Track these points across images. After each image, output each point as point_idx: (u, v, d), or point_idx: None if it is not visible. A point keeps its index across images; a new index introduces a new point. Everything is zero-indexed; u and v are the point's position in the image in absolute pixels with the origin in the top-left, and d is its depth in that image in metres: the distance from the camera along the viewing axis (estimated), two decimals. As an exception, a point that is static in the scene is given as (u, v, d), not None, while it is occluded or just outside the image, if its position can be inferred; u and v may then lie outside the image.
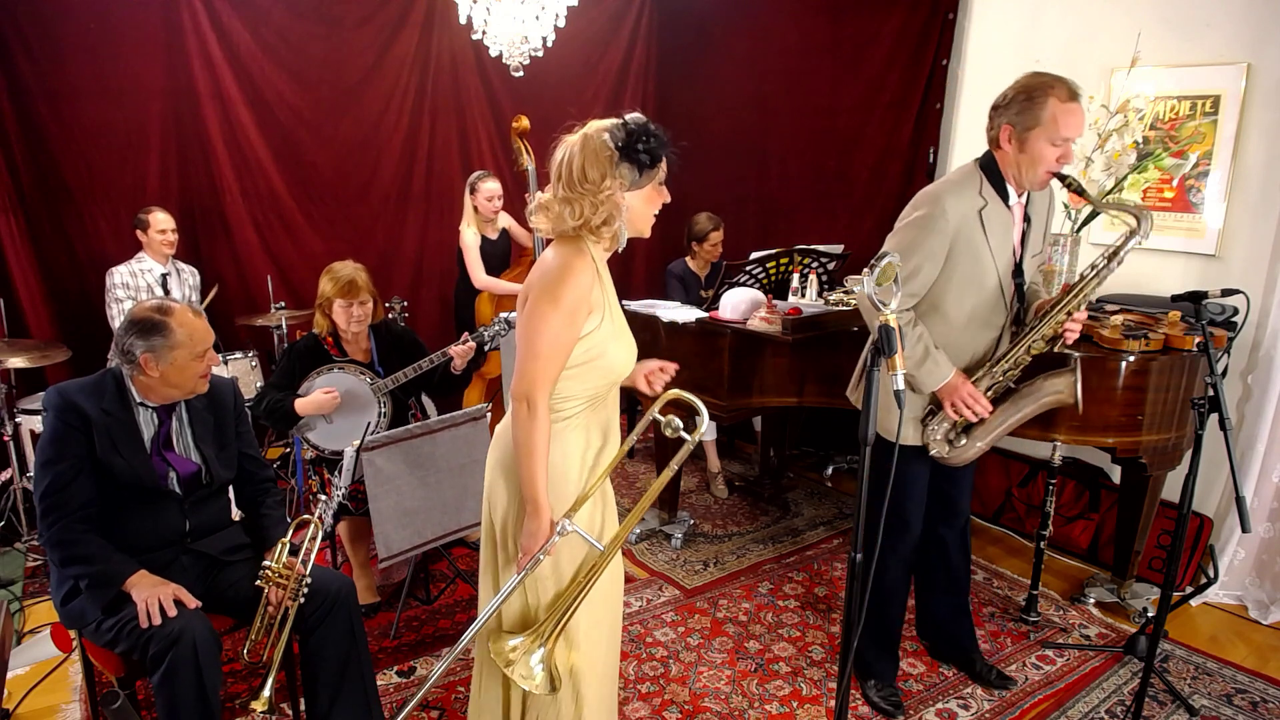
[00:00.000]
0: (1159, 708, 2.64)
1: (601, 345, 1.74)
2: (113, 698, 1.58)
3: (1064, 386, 2.27)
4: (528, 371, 1.67)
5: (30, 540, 3.54)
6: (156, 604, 1.93)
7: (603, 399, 1.82)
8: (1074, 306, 2.22)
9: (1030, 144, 2.17)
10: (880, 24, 4.59)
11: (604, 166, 1.65)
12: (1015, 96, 2.18)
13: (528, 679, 1.65)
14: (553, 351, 1.68)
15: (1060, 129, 2.13)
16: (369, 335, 3.11)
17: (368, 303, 3.01)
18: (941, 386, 2.29)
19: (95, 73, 4.17)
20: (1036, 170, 2.19)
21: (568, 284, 1.66)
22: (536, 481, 1.69)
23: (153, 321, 2.04)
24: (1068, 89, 2.14)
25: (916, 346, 2.27)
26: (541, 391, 1.68)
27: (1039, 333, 2.25)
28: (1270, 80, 3.21)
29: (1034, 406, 2.32)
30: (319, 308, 3.02)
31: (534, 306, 1.68)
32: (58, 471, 2.01)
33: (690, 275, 4.40)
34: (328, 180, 4.92)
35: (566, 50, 4.66)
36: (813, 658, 2.89)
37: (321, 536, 2.24)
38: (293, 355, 3.06)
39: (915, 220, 2.29)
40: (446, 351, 3.08)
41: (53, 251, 4.22)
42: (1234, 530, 3.27)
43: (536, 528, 1.70)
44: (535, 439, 1.68)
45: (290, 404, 2.93)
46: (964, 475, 2.60)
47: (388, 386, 3.05)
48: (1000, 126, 2.22)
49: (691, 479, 4.49)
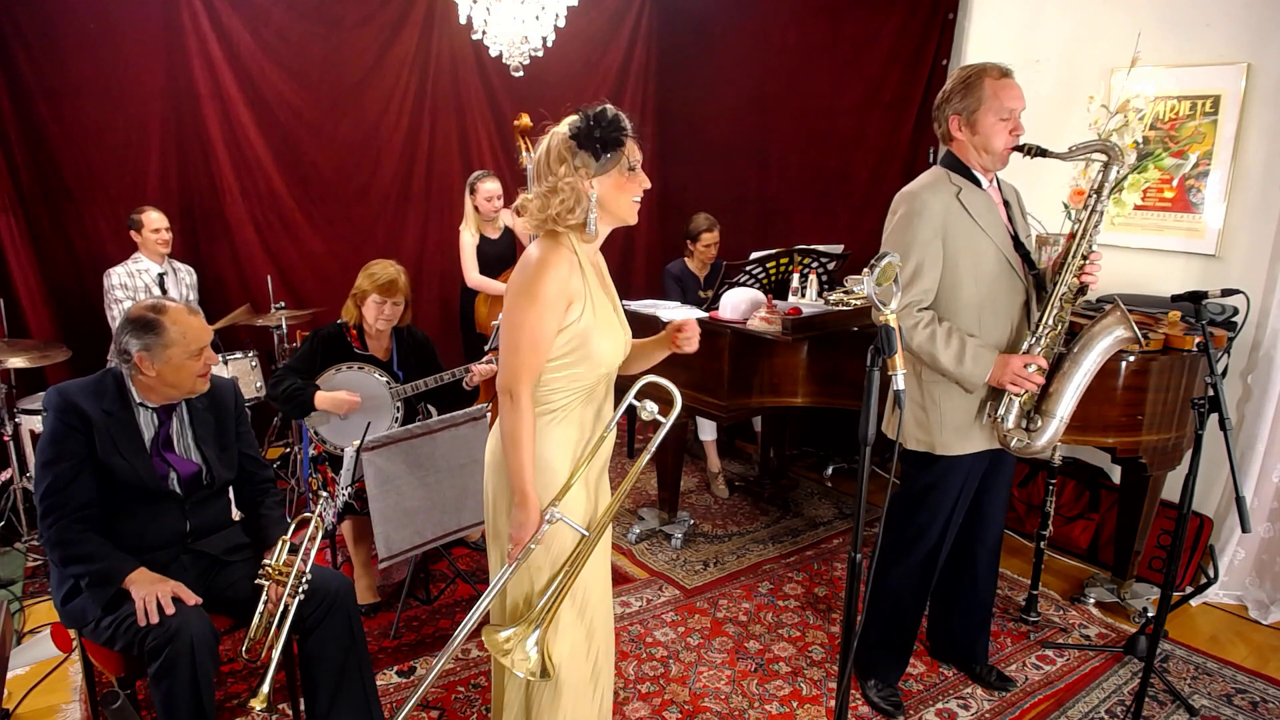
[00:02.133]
0: (1159, 708, 2.64)
1: (584, 335, 1.75)
2: (113, 698, 1.58)
3: (1114, 322, 2.22)
4: (509, 365, 1.72)
5: (30, 540, 3.54)
6: (155, 601, 1.93)
7: (593, 391, 1.84)
8: (1085, 250, 2.22)
9: (979, 123, 2.25)
10: (880, 24, 4.59)
11: (564, 156, 1.71)
12: (953, 89, 2.31)
13: (524, 662, 1.69)
14: (533, 344, 1.71)
15: (1003, 100, 2.22)
16: (391, 336, 3.15)
17: (400, 305, 3.06)
18: (991, 372, 2.25)
19: (95, 72, 4.17)
20: (994, 146, 2.26)
21: (543, 277, 1.70)
22: (523, 472, 1.72)
23: (146, 320, 2.04)
24: (999, 69, 2.26)
25: (951, 343, 2.24)
26: (524, 384, 1.71)
27: (1064, 284, 2.24)
28: (1270, 80, 3.21)
29: (1095, 356, 2.24)
30: (353, 298, 3.07)
31: (512, 301, 1.74)
32: (58, 472, 2.01)
33: (688, 275, 4.40)
34: (328, 180, 4.92)
35: (566, 50, 4.66)
36: (813, 658, 2.89)
37: (322, 535, 2.24)
38: (315, 341, 3.08)
39: (900, 220, 2.31)
40: (469, 368, 3.14)
41: (52, 251, 4.22)
42: (1234, 530, 3.27)
43: (525, 518, 1.73)
44: (520, 430, 1.71)
45: (311, 395, 2.94)
46: (1000, 487, 2.57)
47: (406, 393, 3.07)
48: (948, 119, 2.31)
49: (691, 479, 4.49)
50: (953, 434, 2.36)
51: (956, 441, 2.36)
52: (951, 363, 2.24)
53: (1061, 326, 2.27)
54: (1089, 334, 2.25)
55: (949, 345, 2.24)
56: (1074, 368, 2.26)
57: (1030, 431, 2.29)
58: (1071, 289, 2.24)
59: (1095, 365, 2.26)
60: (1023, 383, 2.23)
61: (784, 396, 3.36)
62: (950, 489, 2.43)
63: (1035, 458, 3.76)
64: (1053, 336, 2.27)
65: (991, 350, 2.26)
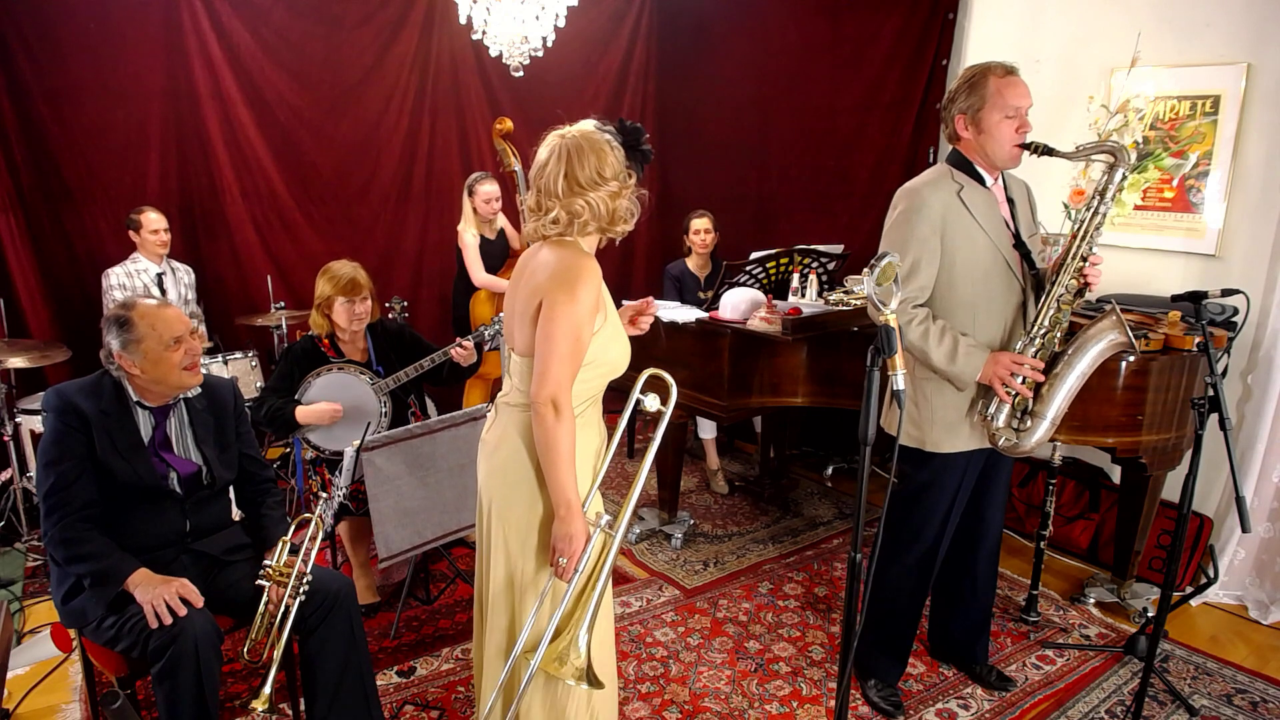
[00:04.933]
0: (1159, 708, 2.64)
1: (605, 342, 1.78)
2: (113, 698, 1.58)
3: (1109, 327, 2.21)
4: (553, 374, 1.68)
5: (30, 540, 3.54)
6: (164, 604, 1.93)
7: (600, 396, 1.87)
8: (1085, 251, 2.22)
9: (985, 122, 2.25)
10: (880, 24, 4.59)
11: (616, 166, 1.73)
12: (959, 89, 2.30)
13: (577, 661, 1.68)
14: (575, 352, 1.70)
15: (1008, 98, 2.22)
16: (365, 335, 3.11)
17: (369, 300, 3.01)
18: (982, 370, 2.25)
19: (95, 73, 4.17)
20: (1001, 145, 2.25)
21: (584, 284, 1.69)
22: (570, 484, 1.70)
23: (118, 318, 2.07)
24: (1004, 67, 2.26)
25: (943, 341, 2.25)
26: (566, 393, 1.70)
27: (1061, 285, 2.24)
28: (1270, 80, 3.21)
29: (1089, 359, 2.24)
30: (317, 309, 3.01)
31: (553, 309, 1.68)
32: (61, 471, 2.01)
33: (688, 275, 4.41)
34: (328, 180, 4.92)
35: (566, 50, 4.65)
36: (813, 658, 2.89)
37: (322, 536, 2.24)
38: (290, 358, 3.05)
39: (899, 216, 2.31)
40: (447, 351, 3.08)
41: (53, 251, 4.22)
42: (1234, 530, 3.27)
43: (576, 529, 1.71)
44: (567, 440, 1.69)
45: (291, 412, 2.92)
46: (997, 489, 2.57)
47: (389, 386, 3.05)
48: (954, 118, 2.31)
49: (691, 479, 4.49)
50: (943, 431, 2.36)
51: (946, 439, 2.37)
52: (943, 361, 2.25)
53: (1058, 328, 2.27)
54: (1083, 337, 2.25)
55: (941, 343, 2.25)
56: (1067, 370, 2.26)
57: (1019, 431, 2.30)
58: (1069, 290, 2.24)
59: (1089, 368, 2.26)
60: (1010, 380, 2.23)
61: (784, 396, 3.36)
62: (946, 488, 2.43)
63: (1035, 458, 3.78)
64: (1048, 337, 2.27)
65: (983, 349, 2.26)
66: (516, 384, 1.85)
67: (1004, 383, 2.23)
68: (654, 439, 1.89)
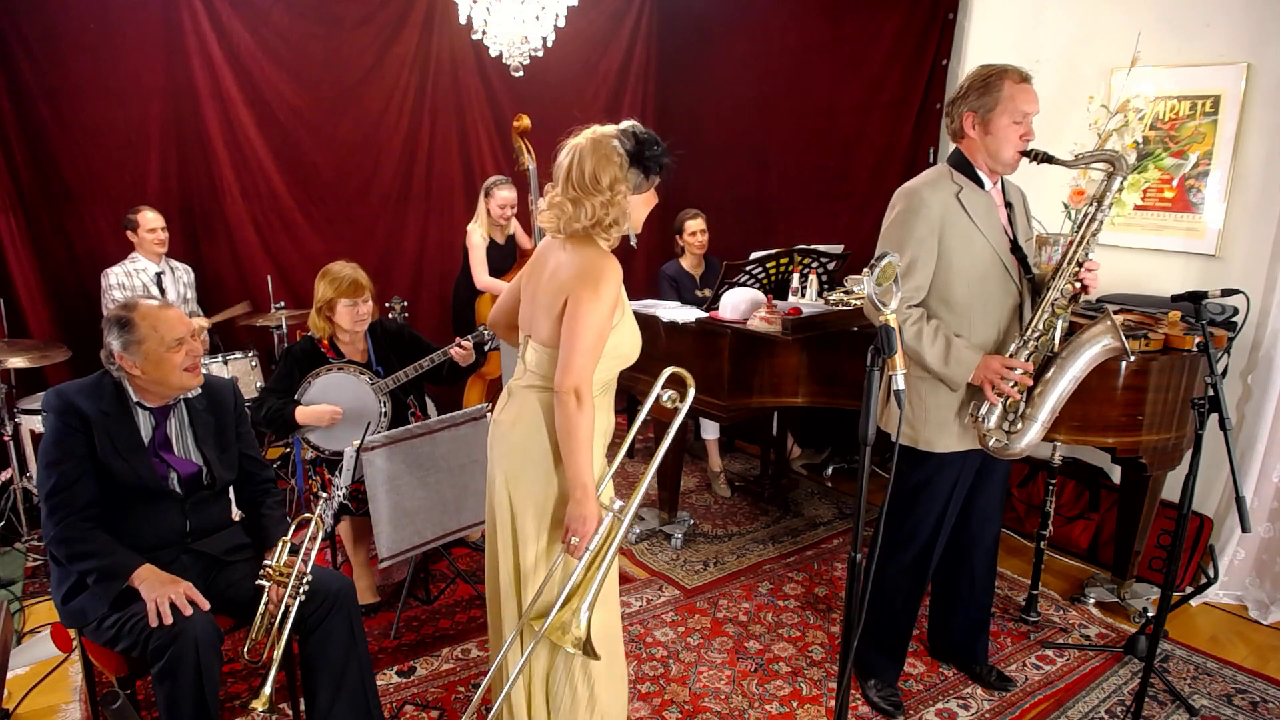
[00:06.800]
0: (1159, 708, 2.64)
1: (622, 337, 1.90)
2: (113, 698, 1.58)
3: (1102, 330, 2.21)
4: (576, 365, 1.79)
5: (30, 540, 3.54)
6: (167, 604, 1.93)
7: (613, 382, 1.98)
8: (1081, 256, 2.23)
9: (993, 124, 2.25)
10: (880, 24, 4.59)
11: (615, 172, 1.79)
12: (971, 85, 2.29)
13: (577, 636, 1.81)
14: (597, 344, 1.82)
15: (1020, 104, 2.22)
16: (365, 336, 3.11)
17: (369, 300, 3.02)
18: (975, 372, 2.26)
19: (95, 72, 4.17)
20: (1004, 149, 2.25)
21: (606, 282, 1.80)
22: (586, 468, 1.82)
23: (119, 319, 2.07)
24: (1019, 72, 2.25)
25: (936, 342, 2.25)
26: (588, 383, 1.81)
27: (1056, 289, 2.24)
28: (1270, 80, 3.21)
29: (1082, 363, 2.25)
30: (318, 311, 3.01)
31: (579, 307, 1.79)
32: (62, 471, 2.01)
33: (684, 275, 4.41)
34: (328, 180, 4.92)
35: (566, 50, 4.66)
36: (813, 658, 2.89)
37: (322, 536, 2.24)
38: (290, 359, 3.05)
39: (898, 216, 2.32)
40: (447, 351, 3.08)
41: (52, 251, 4.22)
42: (1234, 530, 3.27)
43: (590, 511, 1.83)
44: (587, 428, 1.81)
45: (291, 413, 2.92)
46: (995, 487, 2.57)
47: (388, 386, 3.05)
48: (962, 115, 2.30)
49: (692, 479, 4.49)
50: (935, 430, 2.37)
51: (939, 438, 2.37)
52: (936, 362, 2.26)
53: (1053, 332, 2.28)
54: (1077, 341, 2.26)
55: (935, 344, 2.26)
56: (1059, 374, 2.27)
57: (1010, 434, 2.31)
58: (1065, 294, 2.25)
59: (1081, 372, 2.27)
60: (1001, 384, 2.24)
61: (784, 396, 3.36)
62: (941, 488, 2.44)
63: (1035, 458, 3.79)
64: (1041, 341, 2.27)
65: (976, 351, 2.27)
66: (531, 368, 1.95)
67: (994, 386, 2.25)
68: (666, 436, 1.99)
